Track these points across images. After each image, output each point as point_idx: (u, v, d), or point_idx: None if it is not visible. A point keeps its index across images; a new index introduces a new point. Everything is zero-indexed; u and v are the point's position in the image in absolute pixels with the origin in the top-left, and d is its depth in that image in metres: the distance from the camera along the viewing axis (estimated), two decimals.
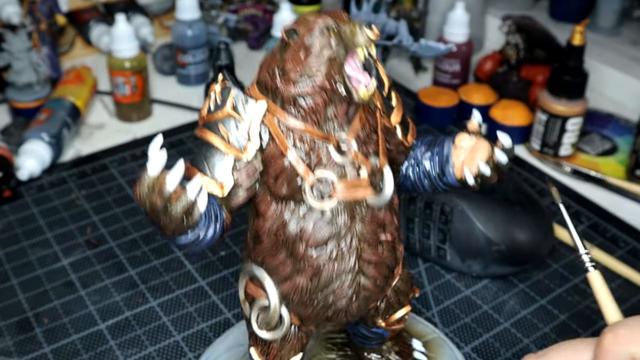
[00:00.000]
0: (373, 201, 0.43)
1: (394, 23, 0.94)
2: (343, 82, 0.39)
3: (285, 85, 0.40)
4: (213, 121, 0.41)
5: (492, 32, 1.15)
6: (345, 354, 0.54)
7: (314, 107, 0.40)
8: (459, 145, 0.45)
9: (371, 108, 0.43)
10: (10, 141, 0.85)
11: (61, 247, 0.71)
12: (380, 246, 0.44)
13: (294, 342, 0.46)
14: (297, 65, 0.39)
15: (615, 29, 1.15)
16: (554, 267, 0.69)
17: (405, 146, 0.46)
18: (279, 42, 0.41)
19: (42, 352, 0.59)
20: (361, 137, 0.42)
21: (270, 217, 0.42)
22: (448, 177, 0.46)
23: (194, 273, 0.68)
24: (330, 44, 0.39)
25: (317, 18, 0.39)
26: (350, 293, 0.43)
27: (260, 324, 0.45)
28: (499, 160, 0.44)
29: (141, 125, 0.94)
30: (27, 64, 0.89)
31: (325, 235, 0.41)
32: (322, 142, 0.41)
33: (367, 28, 0.38)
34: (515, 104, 0.91)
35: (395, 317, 0.50)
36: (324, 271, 0.42)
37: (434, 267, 0.69)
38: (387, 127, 0.45)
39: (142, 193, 0.38)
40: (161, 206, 0.37)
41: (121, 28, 0.89)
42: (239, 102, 0.40)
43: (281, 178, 0.41)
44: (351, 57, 0.39)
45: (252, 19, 1.15)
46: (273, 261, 0.43)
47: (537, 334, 0.62)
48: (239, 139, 0.40)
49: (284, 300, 0.44)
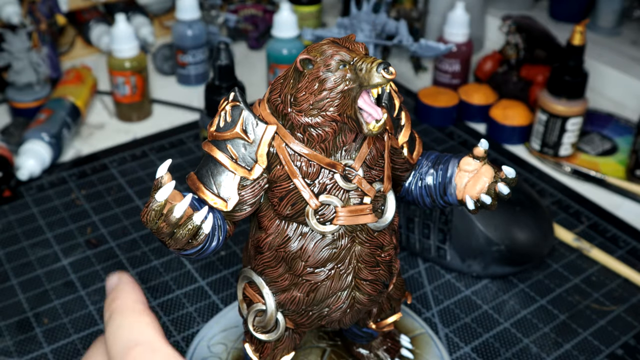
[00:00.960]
0: (374, 225, 0.43)
1: (394, 23, 0.94)
2: (354, 114, 0.39)
3: (296, 113, 0.40)
4: (221, 139, 0.41)
5: (492, 32, 1.15)
6: (335, 343, 0.56)
7: (323, 136, 0.40)
8: (463, 168, 0.45)
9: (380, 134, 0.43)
10: (10, 141, 0.85)
11: (61, 247, 0.71)
12: (377, 266, 0.44)
13: (287, 342, 0.47)
14: (310, 96, 0.39)
15: (615, 29, 1.15)
16: (554, 267, 0.69)
17: (410, 163, 0.46)
18: (292, 69, 0.41)
19: (42, 352, 0.59)
20: (368, 162, 0.42)
21: (273, 233, 0.43)
22: (449, 197, 0.46)
23: (194, 273, 0.68)
24: (346, 79, 0.39)
25: (333, 51, 0.39)
26: (344, 307, 0.45)
27: (256, 326, 0.46)
28: (500, 191, 0.44)
29: (141, 125, 0.94)
30: (27, 64, 0.89)
31: (324, 257, 0.42)
32: (329, 170, 0.41)
33: (384, 70, 0.38)
34: (515, 104, 0.91)
35: (387, 322, 0.51)
36: (321, 288, 0.43)
37: (434, 267, 0.69)
38: (394, 147, 0.45)
39: (149, 217, 0.38)
40: (167, 232, 0.38)
41: (121, 28, 0.89)
42: (249, 124, 0.41)
43: (286, 200, 0.41)
44: (365, 92, 0.39)
45: (252, 19, 1.15)
46: (272, 273, 0.44)
47: (537, 334, 0.62)
48: (246, 160, 0.41)
49: (280, 308, 0.45)
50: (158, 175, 0.38)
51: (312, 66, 0.39)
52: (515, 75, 0.95)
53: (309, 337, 0.56)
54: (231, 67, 0.75)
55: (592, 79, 1.01)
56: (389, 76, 0.38)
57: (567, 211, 0.77)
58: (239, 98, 0.41)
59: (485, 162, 0.45)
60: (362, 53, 0.40)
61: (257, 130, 0.41)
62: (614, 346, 0.60)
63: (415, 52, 0.92)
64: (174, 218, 0.38)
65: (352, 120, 0.39)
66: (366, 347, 0.54)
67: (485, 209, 0.45)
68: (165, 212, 0.38)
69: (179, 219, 0.38)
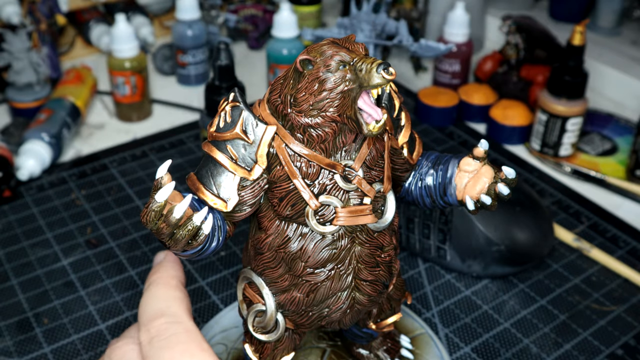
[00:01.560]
0: (374, 226, 0.43)
1: (394, 23, 0.94)
2: (354, 115, 0.39)
3: (296, 114, 0.40)
4: (221, 140, 0.41)
5: (492, 32, 1.15)
6: (335, 344, 0.56)
7: (322, 136, 0.40)
8: (463, 168, 0.45)
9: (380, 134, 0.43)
10: (10, 141, 0.85)
11: (61, 247, 0.71)
12: (377, 266, 0.44)
13: (287, 343, 0.47)
14: (310, 96, 0.39)
15: (615, 29, 1.15)
16: (554, 267, 0.69)
17: (410, 164, 0.46)
18: (292, 69, 0.41)
19: (42, 352, 0.59)
20: (368, 163, 0.42)
21: (273, 233, 0.43)
22: (449, 197, 0.46)
23: (194, 273, 0.68)
24: (346, 79, 0.39)
25: (333, 51, 0.39)
26: (344, 307, 0.45)
27: (256, 326, 0.46)
28: (500, 191, 0.44)
29: (141, 125, 0.94)
30: (27, 64, 0.89)
31: (324, 257, 0.42)
32: (329, 170, 0.41)
33: (384, 71, 0.37)
34: (515, 104, 0.91)
35: (387, 322, 0.51)
36: (321, 288, 0.43)
37: (434, 267, 0.69)
38: (394, 147, 0.45)
39: (149, 218, 0.38)
40: (167, 232, 0.38)
41: (121, 28, 0.89)
42: (249, 125, 0.41)
43: (286, 200, 0.41)
44: (365, 93, 0.39)
45: (252, 19, 1.15)
46: (272, 274, 0.44)
47: (537, 334, 0.62)
48: (246, 160, 0.41)
49: (280, 308, 0.45)
50: (158, 175, 0.38)
51: (312, 67, 0.39)
52: (515, 75, 0.95)
53: (309, 338, 0.56)
54: (231, 67, 0.75)
55: (592, 79, 1.01)
56: (389, 77, 0.37)
57: (567, 211, 0.77)
58: (239, 98, 0.41)
59: (485, 163, 0.45)
60: (362, 53, 0.40)
61: (256, 131, 0.41)
62: (614, 346, 0.60)
63: (415, 52, 0.92)
64: (174, 219, 0.38)
65: (352, 120, 0.39)
66: (366, 348, 0.54)
67: (485, 209, 0.45)
68: (165, 212, 0.38)
69: (179, 220, 0.38)
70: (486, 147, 0.45)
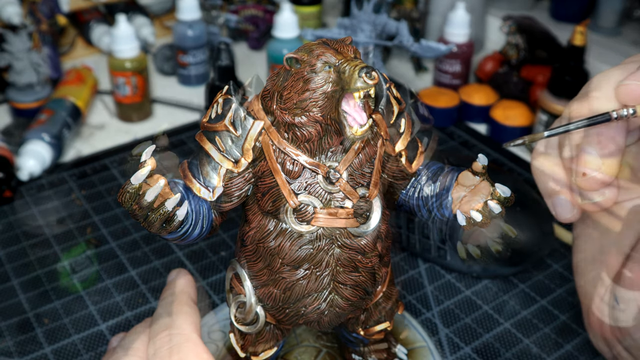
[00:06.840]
0: (355, 230, 0.43)
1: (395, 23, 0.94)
2: (338, 117, 0.39)
3: (281, 111, 0.40)
4: (212, 130, 0.42)
5: (493, 32, 1.15)
6: (332, 345, 0.56)
7: (307, 136, 0.40)
8: (462, 182, 0.45)
9: (369, 139, 0.43)
10: (10, 141, 0.85)
11: (61, 247, 0.71)
12: (357, 271, 0.44)
13: (267, 337, 0.48)
14: (295, 95, 0.40)
15: (616, 29, 1.15)
16: (554, 267, 0.69)
17: (408, 172, 0.46)
18: (283, 66, 0.41)
19: (43, 352, 0.59)
20: (353, 166, 0.42)
21: (255, 227, 0.43)
22: (445, 210, 0.46)
23: (194, 273, 0.68)
24: (329, 81, 0.39)
25: (320, 52, 0.39)
26: (322, 308, 0.45)
27: (238, 317, 0.47)
28: (491, 209, 0.44)
29: (142, 126, 0.94)
30: (27, 65, 0.89)
31: (301, 255, 0.42)
32: (312, 170, 0.41)
33: (366, 75, 0.37)
34: (516, 104, 0.91)
35: (375, 329, 0.50)
36: (297, 287, 0.44)
37: (434, 267, 0.69)
38: (388, 154, 0.44)
39: (124, 199, 0.39)
40: (140, 214, 0.39)
41: (122, 28, 0.89)
42: (237, 118, 0.41)
43: (268, 195, 0.42)
44: (351, 96, 0.39)
45: (253, 19, 1.15)
46: (253, 267, 0.45)
47: (537, 334, 0.62)
48: (233, 153, 0.41)
49: (259, 302, 0.46)
50: (143, 159, 0.39)
51: (298, 65, 0.40)
52: (516, 75, 0.95)
53: (308, 335, 0.56)
54: (232, 67, 0.75)
55: None
56: (370, 81, 0.37)
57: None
58: (232, 91, 0.42)
59: (485, 179, 0.45)
60: (351, 56, 0.39)
61: (245, 125, 0.41)
62: None
63: (416, 52, 0.92)
64: (145, 202, 0.39)
65: (335, 122, 0.39)
66: (358, 354, 0.53)
67: (478, 226, 0.45)
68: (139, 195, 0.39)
69: (151, 203, 0.39)
70: (485, 162, 0.44)
